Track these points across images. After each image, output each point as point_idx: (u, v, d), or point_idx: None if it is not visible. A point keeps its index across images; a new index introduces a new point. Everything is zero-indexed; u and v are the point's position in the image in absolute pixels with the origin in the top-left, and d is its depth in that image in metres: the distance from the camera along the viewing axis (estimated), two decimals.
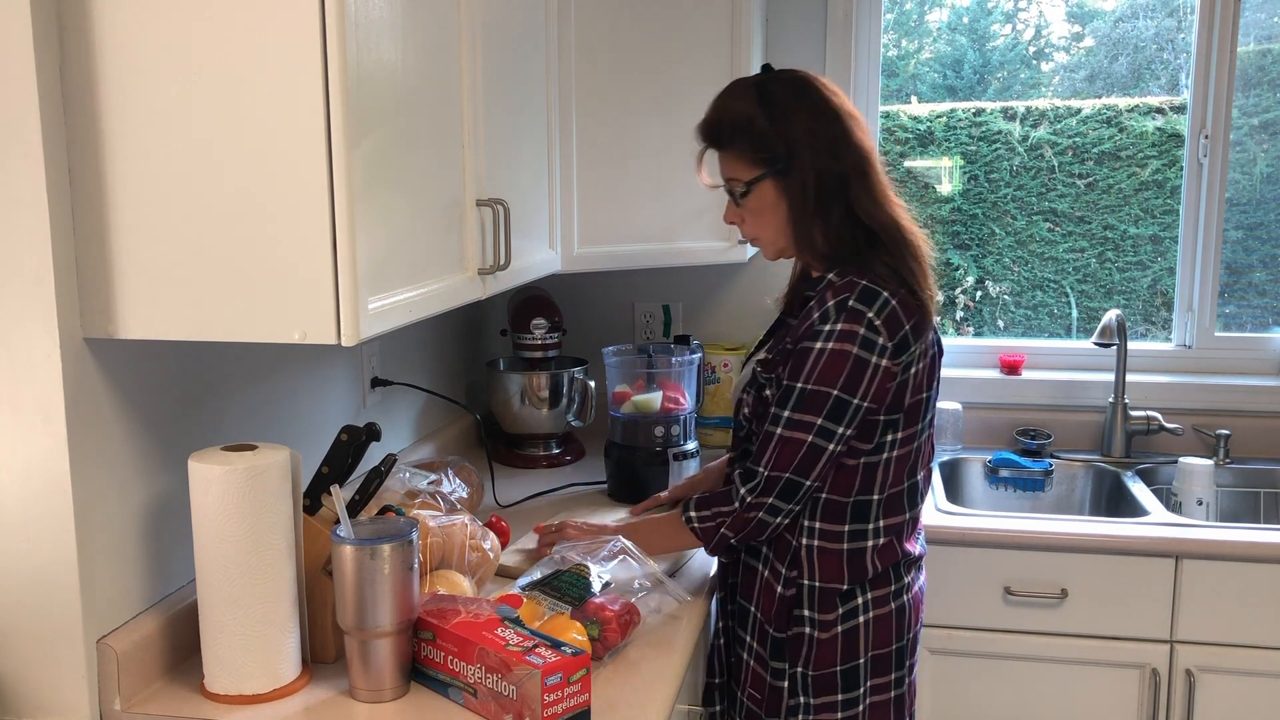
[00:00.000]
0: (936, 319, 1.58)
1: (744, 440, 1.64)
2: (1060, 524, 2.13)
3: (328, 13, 1.13)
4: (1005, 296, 2.82)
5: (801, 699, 1.57)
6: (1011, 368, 2.66)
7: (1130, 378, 2.54)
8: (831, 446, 1.49)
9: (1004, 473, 2.52)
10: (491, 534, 1.69)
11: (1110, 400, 2.54)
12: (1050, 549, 2.09)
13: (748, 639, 1.63)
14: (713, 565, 1.82)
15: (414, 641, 1.37)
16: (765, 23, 2.52)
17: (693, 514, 1.60)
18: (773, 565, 1.59)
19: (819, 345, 1.47)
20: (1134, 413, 2.52)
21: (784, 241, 1.59)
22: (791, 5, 2.57)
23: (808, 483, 1.51)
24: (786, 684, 1.58)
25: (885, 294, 1.48)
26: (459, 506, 1.75)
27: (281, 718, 1.31)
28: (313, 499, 1.46)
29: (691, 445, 2.19)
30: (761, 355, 1.64)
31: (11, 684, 1.32)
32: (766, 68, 1.62)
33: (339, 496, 1.37)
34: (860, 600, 1.56)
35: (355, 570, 1.31)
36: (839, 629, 1.55)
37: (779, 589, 1.58)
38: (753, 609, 1.62)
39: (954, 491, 2.51)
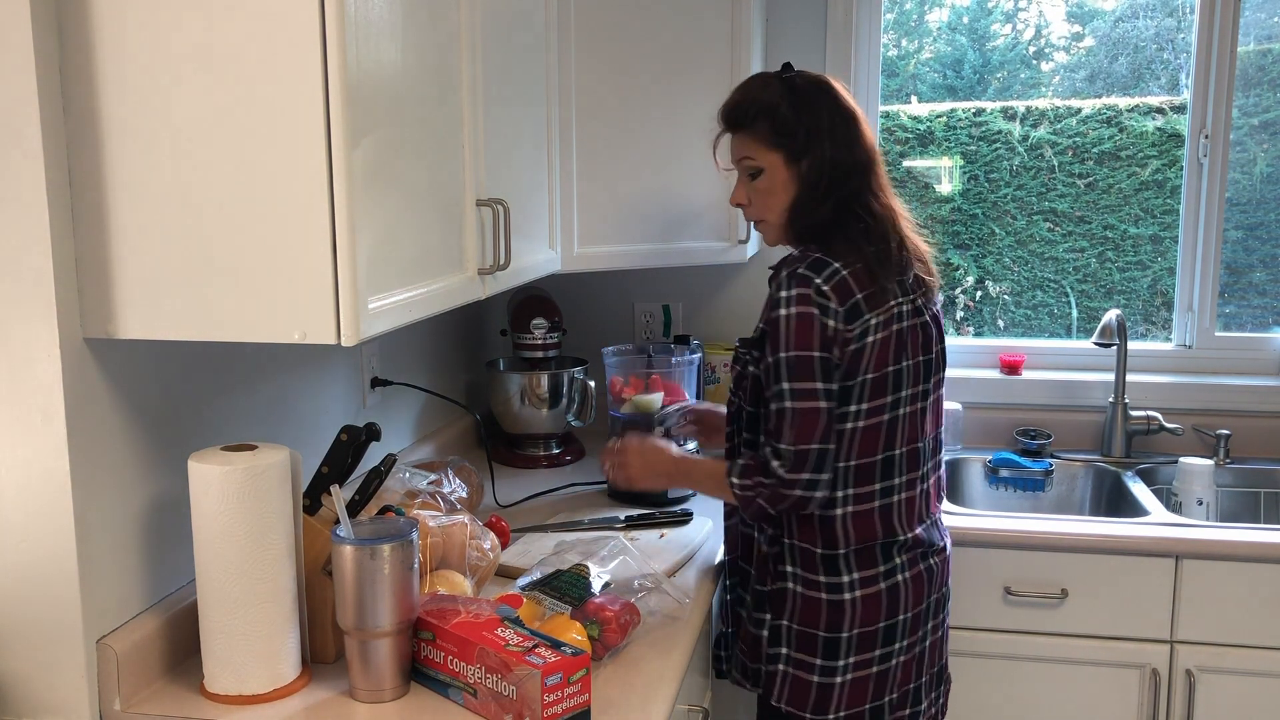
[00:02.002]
0: (912, 299, 1.62)
1: (734, 416, 1.71)
2: (1060, 524, 2.13)
3: (328, 13, 1.13)
4: (1005, 296, 2.83)
5: (783, 650, 1.63)
6: (1011, 368, 2.66)
7: (1130, 378, 2.54)
8: (834, 405, 1.56)
9: (1004, 473, 2.52)
10: (491, 534, 1.69)
11: (1110, 400, 2.54)
12: (1050, 549, 2.09)
13: (746, 596, 1.72)
14: (715, 557, 1.83)
15: (414, 641, 1.37)
16: (765, 23, 2.52)
17: (735, 480, 1.60)
18: (759, 525, 1.68)
19: (782, 313, 1.54)
20: (1134, 413, 2.52)
21: (778, 222, 1.69)
22: (791, 5, 2.57)
23: (831, 447, 1.56)
24: (767, 633, 1.65)
25: (836, 264, 1.56)
26: (459, 506, 1.75)
27: (281, 718, 1.31)
28: (313, 499, 1.46)
29: (691, 445, 2.19)
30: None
31: (11, 684, 1.32)
32: (787, 66, 1.70)
33: (339, 496, 1.37)
34: (847, 578, 1.60)
35: (355, 570, 1.31)
36: (824, 596, 1.60)
37: (765, 547, 1.66)
38: (746, 566, 1.72)
39: (954, 491, 2.51)
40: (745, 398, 1.67)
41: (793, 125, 1.62)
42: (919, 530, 1.67)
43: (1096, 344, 2.49)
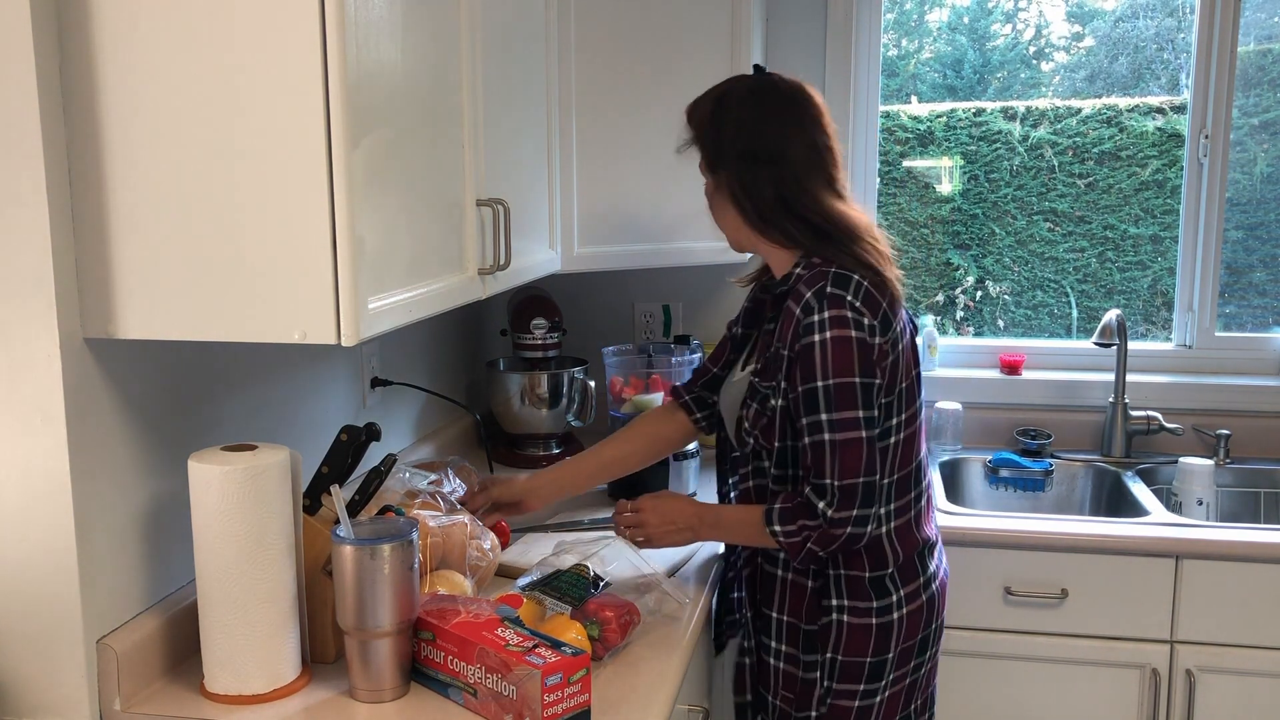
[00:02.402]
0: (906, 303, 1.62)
1: (753, 456, 1.61)
2: (1060, 524, 2.13)
3: (328, 13, 1.13)
4: (1005, 296, 2.83)
5: (826, 684, 1.58)
6: (1011, 368, 2.66)
7: (1130, 378, 2.54)
8: (876, 432, 1.49)
9: (1004, 473, 2.52)
10: (491, 534, 1.69)
11: (1110, 400, 2.54)
12: (1050, 549, 2.09)
13: (773, 644, 1.62)
14: (712, 565, 1.82)
15: (414, 641, 1.37)
16: (765, 22, 2.52)
17: (777, 528, 1.52)
18: (794, 565, 1.59)
19: (817, 338, 1.47)
20: (1134, 413, 2.52)
21: (732, 233, 1.65)
22: (791, 5, 2.57)
23: (877, 478, 1.49)
24: (818, 673, 1.58)
25: (855, 277, 1.50)
26: (459, 506, 1.75)
27: (281, 718, 1.31)
28: (313, 499, 1.46)
29: (692, 445, 2.19)
30: (753, 365, 1.63)
31: (11, 684, 1.32)
32: (757, 69, 1.66)
33: (339, 496, 1.37)
34: (895, 596, 1.56)
35: (355, 570, 1.31)
36: (874, 621, 1.56)
37: (808, 583, 1.58)
38: (775, 614, 1.62)
39: (954, 491, 2.50)
40: (771, 435, 1.55)
41: (705, 133, 1.60)
42: (934, 529, 1.66)
43: (1096, 344, 2.49)
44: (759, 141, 1.56)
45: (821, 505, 1.48)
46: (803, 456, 1.51)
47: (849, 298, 1.48)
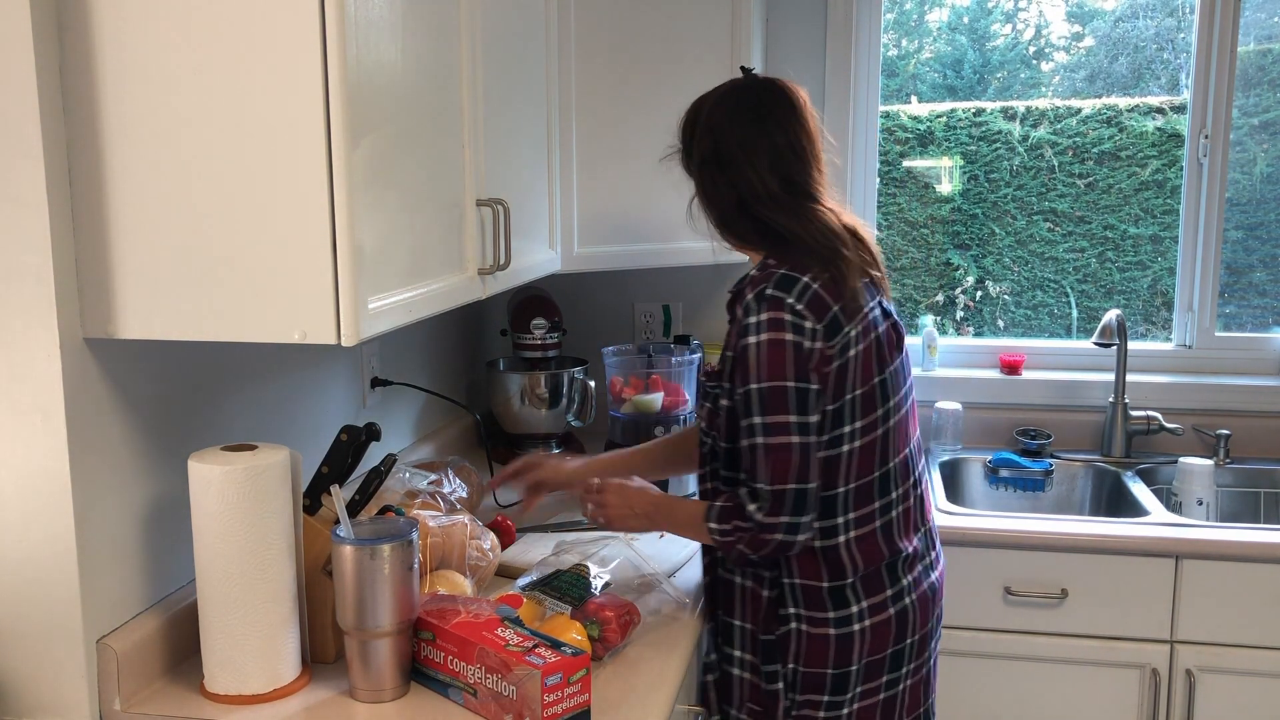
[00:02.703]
0: (878, 301, 1.56)
1: (709, 456, 1.61)
2: (1060, 524, 2.13)
3: (328, 13, 1.13)
4: (1005, 296, 2.82)
5: (790, 695, 1.54)
6: (1011, 368, 2.66)
7: (1130, 378, 2.54)
8: (812, 439, 1.46)
9: (1004, 473, 2.52)
10: (491, 534, 1.69)
11: (1110, 400, 2.54)
12: (1050, 549, 2.09)
13: (736, 653, 1.59)
14: None
15: (414, 641, 1.37)
16: (765, 23, 2.52)
17: (714, 525, 1.50)
18: (752, 571, 1.57)
19: (753, 340, 1.45)
20: (1134, 413, 2.52)
21: (716, 235, 1.64)
22: (791, 5, 2.57)
23: (811, 485, 1.46)
24: (781, 684, 1.54)
25: (805, 279, 1.46)
26: (459, 506, 1.75)
27: (281, 718, 1.31)
28: (313, 499, 1.46)
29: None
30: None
31: (11, 684, 1.32)
32: (742, 70, 1.66)
33: (339, 496, 1.37)
34: (856, 608, 1.52)
35: (355, 570, 1.31)
36: (831, 631, 1.51)
37: (764, 591, 1.55)
38: (737, 622, 1.59)
39: (954, 491, 2.50)
40: (720, 434, 1.56)
41: (682, 140, 1.62)
42: (916, 541, 1.59)
43: (1096, 344, 2.49)
44: (720, 146, 1.55)
45: (753, 508, 1.46)
46: (743, 459, 1.50)
47: (789, 300, 1.44)
